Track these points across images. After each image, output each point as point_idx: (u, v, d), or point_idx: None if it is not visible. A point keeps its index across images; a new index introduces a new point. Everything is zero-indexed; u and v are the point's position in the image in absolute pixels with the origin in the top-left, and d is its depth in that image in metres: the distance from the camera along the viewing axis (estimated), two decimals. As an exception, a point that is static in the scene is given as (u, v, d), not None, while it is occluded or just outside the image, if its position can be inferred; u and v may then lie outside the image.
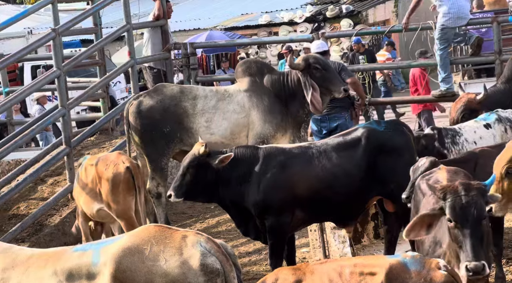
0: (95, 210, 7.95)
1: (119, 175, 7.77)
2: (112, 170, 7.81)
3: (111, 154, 8.43)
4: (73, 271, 4.23)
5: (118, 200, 7.76)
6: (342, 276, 4.62)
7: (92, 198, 7.93)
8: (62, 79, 9.86)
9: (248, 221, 7.18)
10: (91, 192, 7.94)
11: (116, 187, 7.76)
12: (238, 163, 7.13)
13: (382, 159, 7.11)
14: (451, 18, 9.72)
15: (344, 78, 9.06)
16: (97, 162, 7.97)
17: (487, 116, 8.67)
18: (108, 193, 7.80)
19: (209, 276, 4.17)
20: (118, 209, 7.79)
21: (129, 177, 7.76)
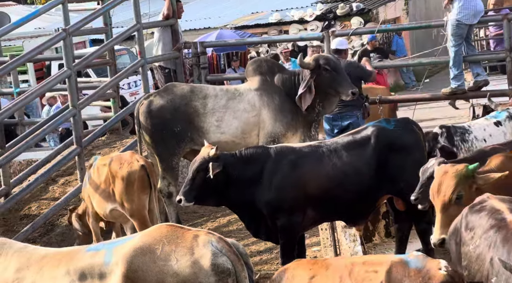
0: (108, 210, 7.93)
1: (134, 173, 7.76)
2: (126, 168, 7.80)
3: (125, 153, 8.43)
4: (86, 271, 4.25)
5: (133, 199, 7.75)
6: (352, 273, 4.81)
7: (105, 198, 7.91)
8: (73, 79, 9.89)
9: (259, 222, 7.17)
10: (104, 192, 7.92)
11: (131, 185, 7.76)
12: (248, 163, 7.12)
13: (392, 157, 7.11)
14: (467, 14, 9.65)
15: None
16: (110, 161, 7.96)
17: (498, 113, 8.63)
18: (122, 192, 7.77)
19: (220, 276, 4.17)
20: (132, 208, 7.77)
21: (144, 175, 7.76)
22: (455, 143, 8.13)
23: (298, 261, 5.31)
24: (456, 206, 5.37)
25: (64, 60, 9.94)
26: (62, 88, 11.28)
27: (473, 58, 11.46)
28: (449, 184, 5.46)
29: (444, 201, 5.42)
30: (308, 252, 8.51)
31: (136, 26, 10.83)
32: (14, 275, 4.38)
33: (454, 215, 5.18)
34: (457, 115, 13.63)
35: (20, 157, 9.97)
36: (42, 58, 13.22)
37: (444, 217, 5.35)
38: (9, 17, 20.13)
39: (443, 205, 5.41)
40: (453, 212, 5.28)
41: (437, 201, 5.45)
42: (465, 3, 9.67)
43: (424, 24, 11.42)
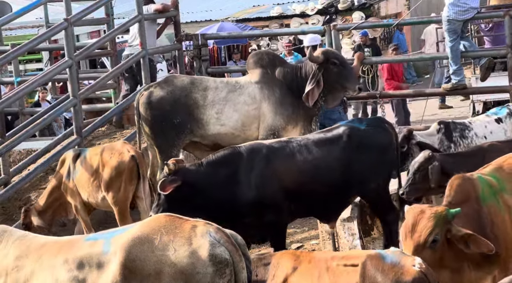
0: (100, 198, 8.07)
1: (123, 163, 7.88)
2: (117, 158, 7.93)
3: (116, 143, 8.60)
4: (84, 260, 4.26)
5: (119, 188, 7.89)
6: (330, 267, 4.99)
7: (97, 187, 8.02)
8: (74, 69, 9.90)
9: (238, 223, 6.78)
10: (97, 181, 8.03)
11: (119, 175, 7.88)
12: (220, 167, 6.95)
13: (363, 156, 7.03)
14: (458, 11, 9.67)
15: None
16: (102, 151, 8.10)
17: (499, 110, 8.63)
18: (110, 181, 7.89)
19: (218, 266, 4.18)
20: (117, 197, 7.90)
21: (134, 166, 7.86)
22: (453, 139, 8.11)
23: (286, 251, 5.46)
24: (430, 250, 4.97)
25: (65, 50, 9.94)
26: (64, 79, 11.26)
27: (473, 54, 11.47)
28: (426, 225, 4.98)
29: (418, 242, 4.97)
30: (307, 245, 8.54)
31: (138, 17, 10.81)
32: (14, 263, 4.40)
33: (428, 260, 4.83)
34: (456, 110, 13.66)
35: (20, 146, 9.97)
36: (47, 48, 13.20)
37: None
38: (10, 6, 20.10)
39: (416, 247, 4.96)
40: (426, 256, 4.89)
41: (409, 242, 4.98)
42: (456, 0, 9.67)
43: (425, 19, 11.41)
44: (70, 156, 8.40)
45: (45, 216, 8.45)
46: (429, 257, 4.90)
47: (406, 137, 7.67)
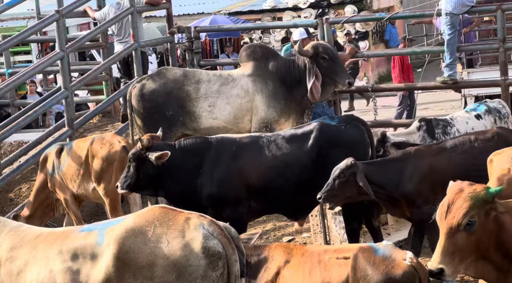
0: (91, 189, 8.06)
1: (114, 153, 7.87)
2: (107, 148, 7.91)
3: (106, 134, 8.56)
4: (78, 251, 4.25)
5: (110, 179, 7.87)
6: (322, 261, 5.06)
7: (87, 179, 8.01)
8: (65, 61, 9.85)
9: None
10: (86, 173, 8.02)
11: (110, 165, 7.87)
12: (188, 154, 7.02)
13: (333, 153, 7.01)
14: (456, 6, 9.70)
15: None
16: (92, 142, 8.08)
17: (477, 106, 8.66)
18: (101, 171, 7.89)
19: (211, 259, 4.17)
20: (108, 188, 7.89)
21: (125, 156, 7.84)
22: (435, 136, 8.11)
23: (279, 244, 5.48)
24: (465, 233, 4.48)
25: (57, 42, 9.89)
26: (56, 70, 11.24)
27: (466, 48, 11.50)
28: (461, 206, 4.51)
29: (452, 224, 4.50)
30: (298, 239, 8.54)
31: (130, 10, 10.77)
32: (8, 254, 4.39)
33: (461, 244, 4.46)
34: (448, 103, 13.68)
35: (11, 137, 9.94)
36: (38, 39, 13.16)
37: (447, 243, 4.47)
38: (1, -2, 20.02)
39: (450, 229, 4.49)
40: (461, 240, 4.47)
41: (443, 223, 4.53)
42: None
43: (418, 13, 11.42)
44: (53, 152, 8.35)
45: (33, 220, 8.42)
46: (464, 240, 4.47)
47: (381, 141, 7.63)
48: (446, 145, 6.97)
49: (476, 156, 6.70)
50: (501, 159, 4.96)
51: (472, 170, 6.58)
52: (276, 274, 5.20)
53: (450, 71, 9.95)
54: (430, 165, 6.81)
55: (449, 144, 6.98)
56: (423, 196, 6.73)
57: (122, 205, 8.21)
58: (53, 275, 4.25)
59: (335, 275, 4.98)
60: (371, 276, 4.87)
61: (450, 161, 6.81)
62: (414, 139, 8.09)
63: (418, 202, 6.74)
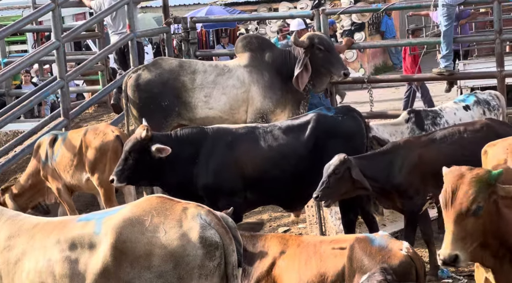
0: (84, 180, 8.08)
1: (108, 143, 7.91)
2: (101, 138, 7.93)
3: (101, 125, 8.64)
4: (76, 241, 4.25)
5: (104, 169, 7.89)
6: (318, 251, 5.09)
7: (81, 169, 8.02)
8: (61, 51, 9.84)
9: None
10: (80, 163, 8.03)
11: (104, 155, 7.88)
12: (184, 144, 7.00)
13: (330, 144, 7.02)
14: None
15: None
16: (85, 132, 8.11)
17: (466, 97, 8.67)
18: (95, 161, 7.91)
19: (208, 249, 4.17)
20: (102, 178, 7.90)
21: (118, 146, 7.87)
22: (424, 127, 8.12)
23: (275, 234, 5.48)
24: (473, 218, 4.45)
25: (52, 31, 9.87)
26: (52, 60, 11.20)
27: (462, 39, 11.49)
28: (467, 191, 4.46)
29: (460, 210, 4.44)
30: (294, 229, 8.57)
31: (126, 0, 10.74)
32: (5, 243, 4.39)
33: (470, 229, 4.44)
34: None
35: (6, 127, 9.92)
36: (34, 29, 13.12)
37: (458, 230, 4.42)
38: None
39: (458, 216, 4.44)
40: (469, 225, 4.44)
41: (450, 211, 4.46)
42: None
43: (414, 4, 11.39)
44: (46, 141, 8.35)
45: (20, 199, 8.43)
46: (473, 225, 4.45)
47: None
48: (436, 136, 7.00)
49: (465, 146, 6.73)
50: (497, 149, 4.98)
51: (461, 161, 6.58)
52: (271, 265, 5.21)
53: (446, 63, 9.96)
54: (420, 156, 6.83)
55: (439, 135, 7.00)
56: (413, 187, 6.75)
57: (117, 196, 8.21)
58: (51, 264, 4.25)
59: (331, 266, 5.00)
60: (367, 266, 4.88)
61: (440, 152, 6.84)
62: (401, 131, 8.09)
63: (409, 193, 6.76)
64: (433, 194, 6.86)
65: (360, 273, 4.90)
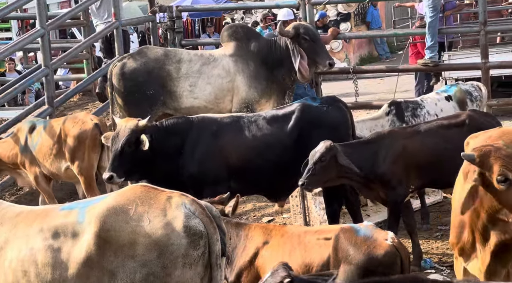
0: (63, 168, 8.08)
1: (86, 131, 7.90)
2: (79, 126, 7.93)
3: (80, 113, 8.63)
4: (59, 229, 4.24)
5: (83, 157, 7.90)
6: (303, 242, 5.09)
7: (60, 157, 8.04)
8: (46, 39, 9.79)
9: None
10: (59, 152, 8.03)
11: (82, 143, 7.87)
12: (170, 134, 6.98)
13: (315, 134, 6.99)
14: None
15: None
16: (64, 121, 8.12)
17: (448, 88, 8.71)
18: (74, 150, 7.91)
19: (192, 238, 4.17)
20: (81, 166, 7.91)
21: (97, 134, 7.87)
22: (405, 119, 8.14)
23: (258, 224, 5.49)
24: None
25: (37, 19, 9.82)
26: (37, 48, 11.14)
27: (446, 31, 11.53)
28: None
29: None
30: (278, 219, 8.58)
31: (111, -13, 10.70)
32: None
33: None
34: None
35: (-10, 115, 9.89)
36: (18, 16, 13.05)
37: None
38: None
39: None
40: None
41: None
42: None
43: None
44: (25, 128, 8.32)
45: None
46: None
47: None
48: (420, 128, 7.04)
49: (448, 139, 6.76)
50: (477, 141, 5.06)
51: (444, 154, 6.64)
52: (254, 255, 5.22)
53: (431, 54, 10.00)
54: (404, 146, 6.85)
55: (423, 127, 7.04)
56: (397, 177, 6.78)
57: (97, 184, 8.20)
58: (33, 252, 4.24)
59: (316, 256, 5.01)
60: (353, 256, 4.89)
61: (423, 144, 6.87)
62: (382, 124, 8.11)
63: (392, 183, 6.79)
64: (415, 185, 6.91)
65: (345, 263, 4.91)
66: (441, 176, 6.63)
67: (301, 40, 8.55)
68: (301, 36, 8.55)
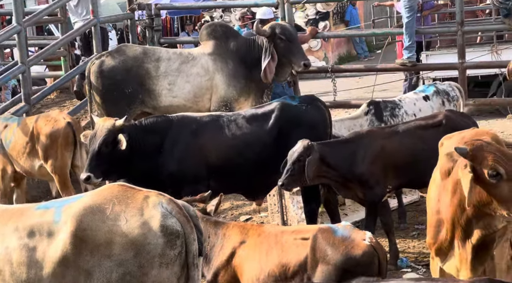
0: (37, 167, 8.08)
1: (59, 130, 7.90)
2: (52, 125, 7.92)
3: (52, 112, 8.60)
4: (35, 228, 4.21)
5: (56, 156, 7.88)
6: (280, 241, 5.09)
7: (33, 156, 8.03)
8: (23, 35, 9.73)
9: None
10: (32, 150, 7.99)
11: (55, 142, 7.86)
12: (149, 133, 6.96)
13: (294, 133, 7.02)
14: None
15: None
16: (37, 119, 8.12)
17: (426, 88, 8.78)
18: (46, 148, 7.90)
19: (169, 237, 4.16)
20: (55, 164, 7.92)
21: (70, 132, 7.87)
22: (383, 119, 8.18)
23: (236, 223, 5.49)
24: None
25: (14, 15, 9.75)
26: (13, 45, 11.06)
27: (424, 31, 11.58)
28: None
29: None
30: (256, 218, 8.59)
31: (89, -16, 10.65)
32: None
33: None
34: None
35: (-34, 113, 9.78)
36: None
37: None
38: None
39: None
40: None
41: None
42: None
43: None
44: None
45: None
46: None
47: None
48: (398, 129, 7.07)
49: (425, 140, 6.80)
50: (451, 142, 5.12)
51: (422, 154, 6.68)
52: (231, 254, 5.21)
53: (409, 54, 10.04)
54: (382, 146, 6.89)
55: (401, 128, 7.08)
56: (375, 177, 6.81)
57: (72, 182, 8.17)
58: (8, 251, 4.21)
59: (293, 256, 5.01)
60: (330, 256, 4.90)
61: (401, 144, 6.91)
62: (360, 124, 8.15)
63: (370, 183, 6.81)
64: (393, 185, 6.94)
65: (323, 263, 4.92)
66: (418, 176, 6.67)
67: (277, 40, 8.55)
68: (277, 35, 8.55)
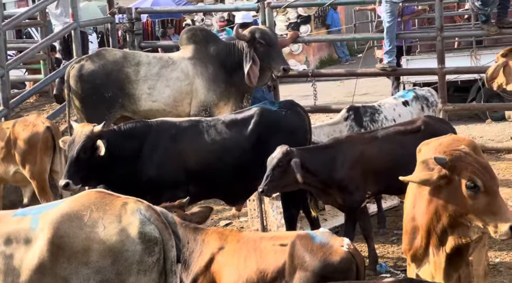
0: (12, 172, 8.03)
1: (37, 134, 7.83)
2: (30, 130, 7.86)
3: (31, 116, 8.59)
4: (11, 236, 4.17)
5: (35, 161, 7.85)
6: (258, 248, 5.08)
7: (8, 161, 7.96)
8: (1, 39, 9.68)
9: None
10: (8, 155, 7.94)
11: (34, 147, 7.81)
12: (128, 139, 6.94)
13: (273, 138, 7.02)
14: None
15: None
16: (14, 124, 8.04)
17: (405, 93, 8.83)
18: (25, 153, 7.83)
19: (147, 244, 4.14)
20: (33, 170, 7.85)
21: (49, 137, 7.81)
22: (363, 124, 8.21)
23: (215, 229, 5.49)
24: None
25: (-8, 19, 9.70)
26: None
27: (404, 35, 11.64)
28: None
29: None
30: (235, 223, 8.59)
31: (69, -13, 10.60)
32: None
33: None
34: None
35: None
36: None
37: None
38: None
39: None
40: None
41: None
42: None
43: (359, 0, 11.55)
44: None
45: None
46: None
47: None
48: (378, 134, 7.09)
49: (404, 145, 6.82)
50: (428, 148, 5.15)
51: (401, 160, 6.70)
52: (210, 260, 5.21)
53: (389, 58, 10.09)
54: (362, 152, 6.90)
55: (381, 133, 7.10)
56: (354, 183, 6.82)
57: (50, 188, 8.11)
58: (-15, 259, 4.18)
59: (271, 262, 5.01)
60: (309, 262, 4.90)
61: (381, 150, 6.93)
62: (340, 129, 8.17)
63: (349, 189, 6.82)
64: (372, 190, 6.96)
65: (301, 269, 4.92)
66: (397, 182, 6.69)
67: (257, 44, 8.56)
68: (256, 40, 8.56)
